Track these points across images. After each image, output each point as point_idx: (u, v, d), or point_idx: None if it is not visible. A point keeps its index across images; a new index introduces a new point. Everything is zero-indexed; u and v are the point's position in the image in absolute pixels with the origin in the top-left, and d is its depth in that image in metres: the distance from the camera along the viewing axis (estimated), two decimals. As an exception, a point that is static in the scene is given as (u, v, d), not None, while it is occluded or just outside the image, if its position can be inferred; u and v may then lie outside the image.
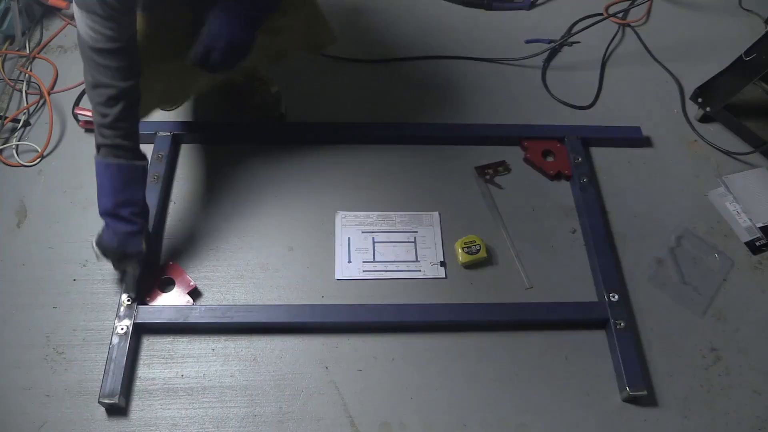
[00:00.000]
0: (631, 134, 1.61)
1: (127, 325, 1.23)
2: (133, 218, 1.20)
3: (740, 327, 1.35)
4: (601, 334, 1.32)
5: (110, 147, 1.18)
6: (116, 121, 1.17)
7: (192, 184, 1.48)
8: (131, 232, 1.20)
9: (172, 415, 1.20)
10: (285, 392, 1.23)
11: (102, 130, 1.18)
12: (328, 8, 1.42)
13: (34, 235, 1.39)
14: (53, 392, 1.21)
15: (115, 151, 1.18)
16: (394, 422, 1.21)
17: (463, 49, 1.80)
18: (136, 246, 1.22)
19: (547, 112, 1.68)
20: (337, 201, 1.47)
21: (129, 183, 1.20)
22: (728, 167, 1.60)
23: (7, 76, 1.64)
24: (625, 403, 1.25)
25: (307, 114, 1.61)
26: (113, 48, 1.13)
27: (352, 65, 1.74)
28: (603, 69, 1.79)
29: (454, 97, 1.69)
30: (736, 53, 1.53)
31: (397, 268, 1.38)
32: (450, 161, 1.56)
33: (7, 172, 1.49)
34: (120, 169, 1.19)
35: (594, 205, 1.46)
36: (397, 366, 1.27)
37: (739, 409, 1.25)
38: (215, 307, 1.28)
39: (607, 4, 1.94)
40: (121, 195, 1.19)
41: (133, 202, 1.21)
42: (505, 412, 1.23)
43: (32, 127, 1.57)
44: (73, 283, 1.34)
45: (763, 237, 1.47)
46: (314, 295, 1.34)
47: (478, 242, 1.39)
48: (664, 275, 1.41)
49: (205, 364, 1.26)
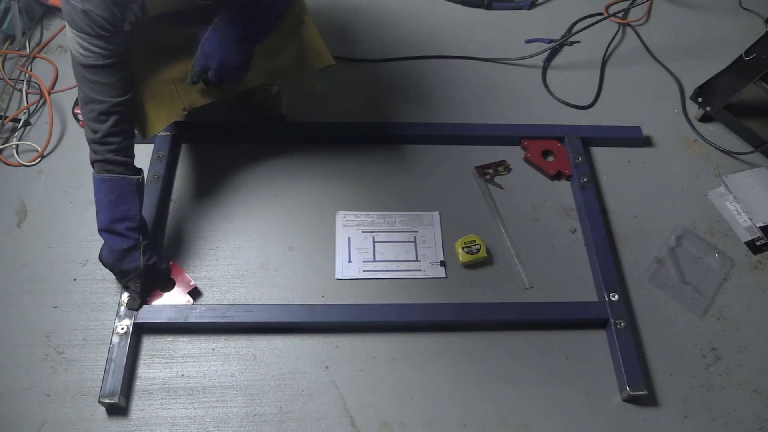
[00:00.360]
0: (631, 134, 1.61)
1: (127, 325, 1.24)
2: (128, 233, 1.20)
3: (740, 327, 1.35)
4: (601, 333, 1.32)
5: (103, 162, 1.19)
6: (107, 137, 1.17)
7: (192, 184, 1.48)
8: (127, 249, 1.20)
9: (172, 415, 1.20)
10: (285, 392, 1.23)
11: (94, 146, 1.19)
12: (328, 8, 1.42)
13: (34, 235, 1.40)
14: (53, 392, 1.21)
15: (107, 166, 1.19)
16: (394, 422, 1.21)
17: (463, 49, 1.80)
18: (133, 262, 1.21)
19: (547, 112, 1.68)
20: (337, 201, 1.47)
21: (123, 198, 1.20)
22: (728, 167, 1.60)
23: (7, 76, 1.64)
24: (625, 403, 1.25)
25: (307, 114, 1.61)
26: (103, 65, 1.14)
27: (352, 65, 1.74)
28: (603, 69, 1.79)
29: (454, 97, 1.69)
30: (736, 53, 1.53)
31: (397, 267, 1.38)
32: (450, 161, 1.56)
33: (8, 172, 1.49)
34: (114, 184, 1.19)
35: (594, 205, 1.46)
36: (397, 366, 1.27)
37: (739, 409, 1.25)
38: (215, 307, 1.28)
39: (607, 3, 1.94)
40: (116, 211, 1.19)
41: (129, 217, 1.20)
42: (505, 412, 1.23)
43: (32, 127, 1.57)
44: (74, 282, 1.34)
45: (763, 237, 1.47)
46: (314, 295, 1.34)
47: (478, 242, 1.39)
48: (664, 275, 1.41)
49: (206, 363, 1.26)
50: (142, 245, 1.22)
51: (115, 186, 1.19)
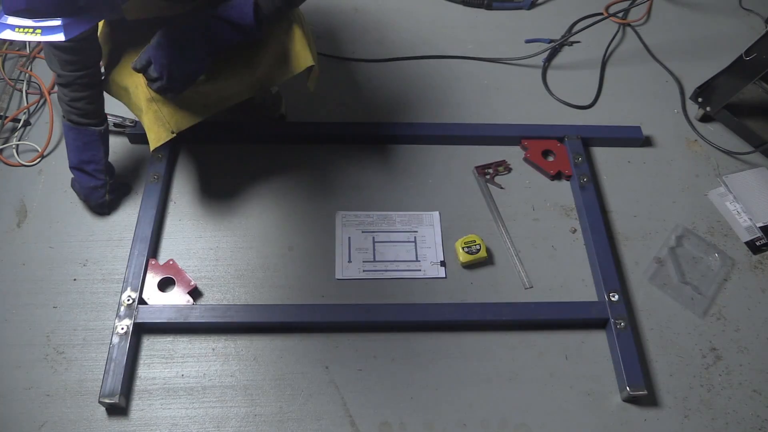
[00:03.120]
0: (631, 134, 1.61)
1: (127, 325, 1.24)
2: (96, 174, 1.36)
3: (740, 327, 1.35)
4: (601, 334, 1.32)
5: (68, 115, 1.32)
6: (71, 102, 1.29)
7: (192, 184, 1.49)
8: (94, 187, 1.37)
9: (172, 415, 1.20)
10: (285, 392, 1.23)
11: (61, 104, 1.32)
12: (328, 8, 1.41)
13: (34, 235, 1.40)
14: (53, 392, 1.21)
15: (72, 117, 1.32)
16: (394, 422, 1.21)
17: (463, 49, 1.80)
18: (99, 198, 1.39)
19: (547, 112, 1.68)
20: (337, 201, 1.47)
21: (89, 145, 1.34)
22: (728, 167, 1.60)
23: (7, 76, 1.64)
24: (625, 403, 1.25)
25: (307, 114, 1.61)
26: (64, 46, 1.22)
27: (352, 65, 1.74)
28: (603, 69, 1.79)
29: (454, 97, 1.69)
30: (736, 53, 1.53)
31: (397, 267, 1.38)
32: (450, 161, 1.56)
33: (8, 172, 1.50)
34: (79, 133, 1.33)
35: (594, 205, 1.46)
36: (397, 366, 1.27)
37: (739, 409, 1.25)
38: (215, 307, 1.28)
39: (607, 3, 1.94)
40: (83, 154, 1.35)
41: (95, 161, 1.36)
42: (505, 412, 1.23)
43: (32, 127, 1.57)
44: (73, 282, 1.34)
45: (763, 237, 1.47)
46: (314, 295, 1.34)
47: (478, 242, 1.39)
48: (664, 275, 1.41)
49: (206, 363, 1.26)
50: (108, 184, 1.38)
51: (81, 135, 1.33)
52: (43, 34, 0.95)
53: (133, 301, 1.26)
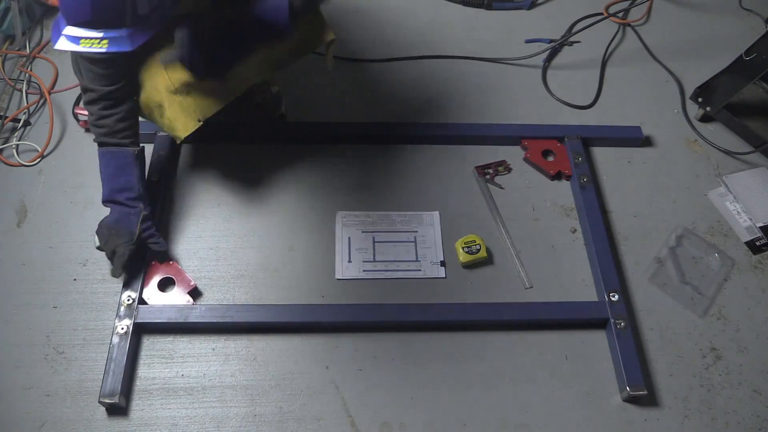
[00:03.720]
0: (631, 134, 1.61)
1: (127, 325, 1.24)
2: (129, 203, 1.26)
3: (740, 327, 1.35)
4: (601, 334, 1.32)
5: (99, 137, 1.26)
6: (100, 119, 1.24)
7: (192, 184, 1.48)
8: (126, 214, 1.27)
9: (172, 415, 1.20)
10: (285, 392, 1.23)
11: (92, 127, 1.27)
12: (328, 8, 1.41)
13: (34, 235, 1.40)
14: (53, 392, 1.21)
15: (104, 139, 1.26)
16: (394, 422, 1.21)
17: (463, 49, 1.80)
18: (128, 227, 1.25)
19: (547, 112, 1.68)
20: (337, 201, 1.47)
21: (121, 170, 1.26)
22: (728, 167, 1.60)
23: (7, 76, 1.64)
24: (625, 403, 1.25)
25: (307, 114, 1.61)
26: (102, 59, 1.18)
27: (352, 65, 1.74)
28: (603, 69, 1.79)
29: (454, 97, 1.69)
30: (736, 53, 1.53)
31: (397, 267, 1.38)
32: (450, 161, 1.56)
33: (7, 172, 1.49)
34: (112, 157, 1.26)
35: (594, 205, 1.46)
36: (397, 366, 1.27)
37: (739, 409, 1.25)
38: (215, 307, 1.28)
39: (607, 3, 1.94)
40: (115, 182, 1.26)
41: (128, 188, 1.26)
42: (505, 412, 1.23)
43: (32, 127, 1.57)
44: (73, 282, 1.34)
45: (763, 237, 1.47)
46: (314, 295, 1.34)
47: (478, 242, 1.39)
48: (664, 275, 1.41)
49: (206, 363, 1.26)
50: (142, 214, 1.26)
51: (113, 158, 1.26)
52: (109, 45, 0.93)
53: (133, 301, 1.26)
